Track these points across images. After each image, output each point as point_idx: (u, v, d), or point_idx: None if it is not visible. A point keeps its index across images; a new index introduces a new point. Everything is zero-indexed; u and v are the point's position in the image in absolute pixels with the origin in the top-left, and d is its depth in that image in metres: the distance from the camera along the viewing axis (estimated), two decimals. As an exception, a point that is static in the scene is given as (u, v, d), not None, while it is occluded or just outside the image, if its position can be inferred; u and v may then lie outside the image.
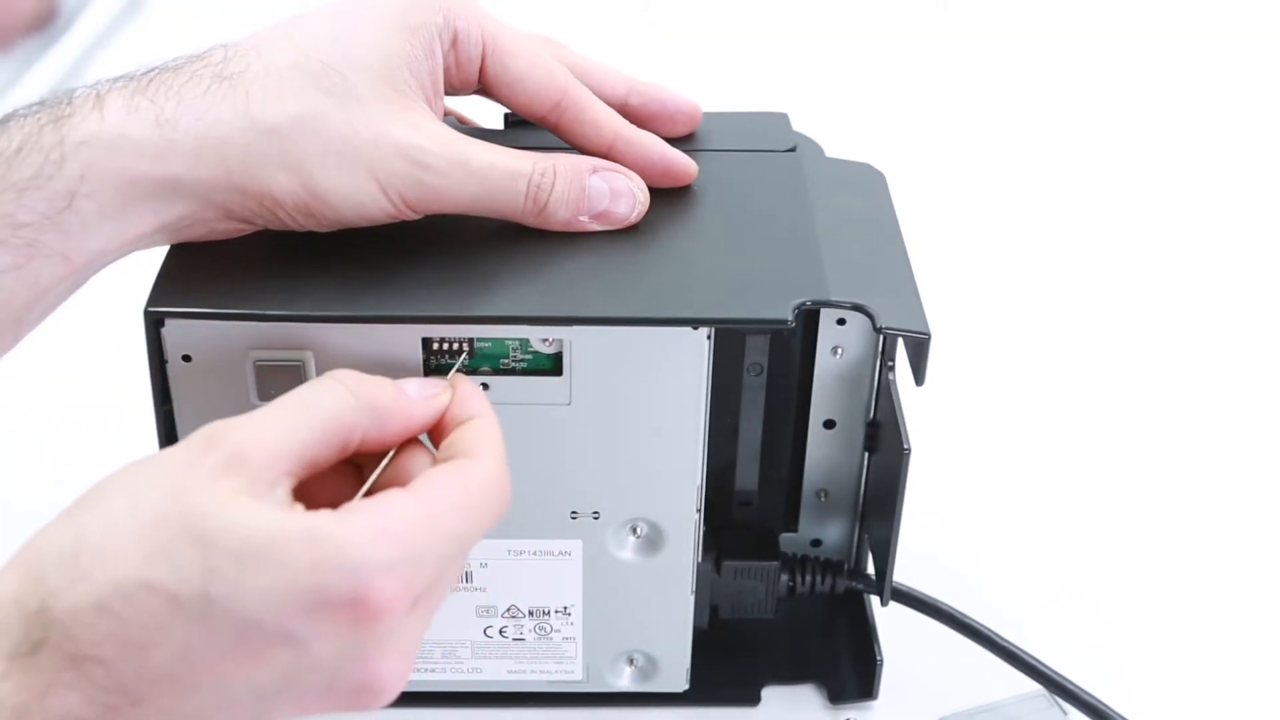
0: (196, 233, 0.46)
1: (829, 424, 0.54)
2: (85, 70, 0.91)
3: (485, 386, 0.47)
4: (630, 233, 0.49)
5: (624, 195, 0.49)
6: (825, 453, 0.55)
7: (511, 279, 0.47)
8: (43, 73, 0.90)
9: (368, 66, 0.46)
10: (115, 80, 0.45)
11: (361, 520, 0.37)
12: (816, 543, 0.58)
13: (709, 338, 0.46)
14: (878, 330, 0.46)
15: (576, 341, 0.46)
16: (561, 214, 0.48)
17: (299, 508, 0.38)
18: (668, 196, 0.51)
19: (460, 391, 0.44)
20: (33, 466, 0.65)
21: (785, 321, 0.46)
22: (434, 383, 0.44)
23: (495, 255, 0.48)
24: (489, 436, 0.42)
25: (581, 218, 0.48)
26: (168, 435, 0.47)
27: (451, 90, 0.50)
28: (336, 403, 0.40)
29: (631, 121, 0.53)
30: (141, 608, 0.36)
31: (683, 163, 0.51)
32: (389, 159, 0.45)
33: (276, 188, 0.45)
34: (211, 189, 0.45)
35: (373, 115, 0.45)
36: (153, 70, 0.45)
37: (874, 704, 0.55)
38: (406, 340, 0.46)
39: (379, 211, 0.46)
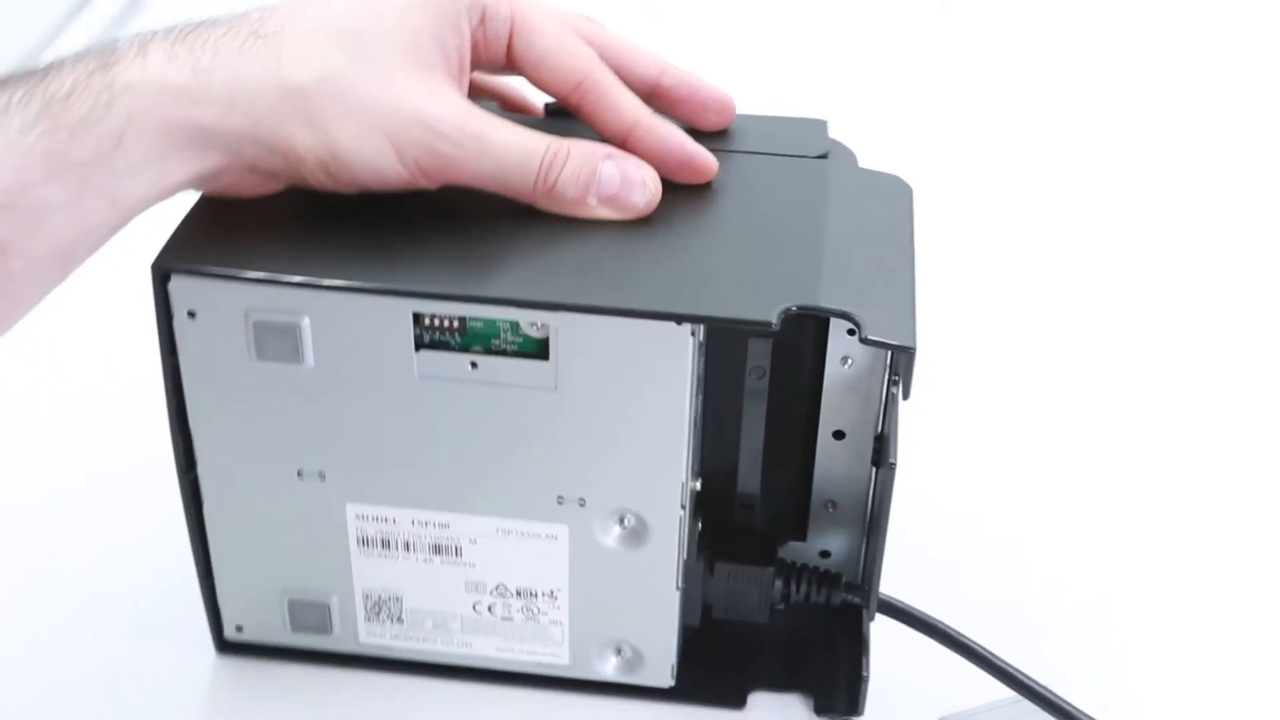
0: (226, 184, 0.49)
1: (839, 435, 0.54)
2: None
3: (474, 365, 0.48)
4: (638, 225, 0.50)
5: (636, 184, 0.49)
6: (834, 464, 0.55)
7: (508, 262, 0.48)
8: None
9: (394, 37, 0.48)
10: (156, 32, 0.47)
11: None
12: (825, 554, 0.57)
13: (694, 334, 0.46)
14: (862, 340, 0.46)
15: (563, 328, 0.47)
16: (570, 193, 0.49)
17: None
18: (685, 193, 0.51)
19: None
20: (50, 412, 0.68)
21: (769, 324, 0.46)
22: None
23: (499, 237, 0.49)
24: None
25: (590, 199, 0.49)
26: (174, 387, 0.49)
27: (479, 66, 0.51)
28: None
29: (661, 105, 0.53)
30: None
31: (701, 157, 0.51)
32: (407, 126, 0.47)
33: (299, 144, 0.46)
34: (241, 141, 0.46)
35: (395, 83, 0.47)
36: (192, 24, 0.47)
37: (867, 710, 0.55)
38: (398, 313, 0.47)
39: (395, 177, 0.48)
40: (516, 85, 0.56)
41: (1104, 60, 0.98)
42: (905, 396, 0.47)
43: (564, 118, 0.53)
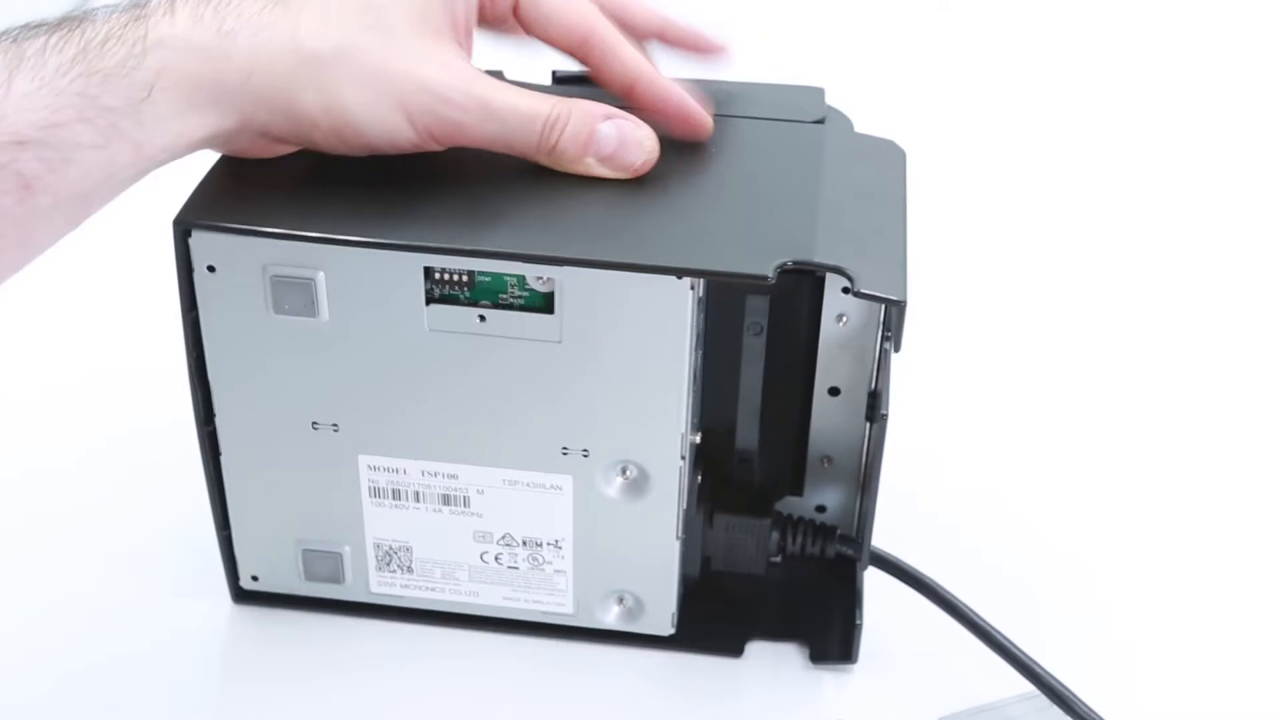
0: (240, 145, 0.50)
1: (834, 391, 0.56)
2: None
3: (482, 319, 0.50)
4: (639, 184, 0.51)
5: (633, 144, 0.51)
6: (830, 420, 0.57)
7: (516, 218, 0.50)
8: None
9: (406, 4, 0.50)
10: None
11: None
12: (821, 508, 0.59)
13: (693, 288, 0.48)
14: (855, 293, 0.48)
15: (567, 282, 0.49)
16: (570, 152, 0.51)
17: None
18: (686, 154, 0.53)
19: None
20: (70, 366, 0.70)
21: (765, 278, 0.47)
22: None
23: (507, 195, 0.50)
24: None
25: (589, 159, 0.51)
26: (194, 340, 0.51)
27: (485, 24, 0.53)
28: None
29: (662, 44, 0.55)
30: None
31: (699, 113, 0.53)
32: (417, 93, 0.49)
33: (314, 109, 0.48)
34: (258, 104, 0.48)
35: (406, 51, 0.49)
36: None
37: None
38: (409, 268, 0.49)
39: (405, 141, 0.50)
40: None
41: (1106, 56, 1.00)
42: (897, 349, 0.49)
43: (571, 85, 0.55)
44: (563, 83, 0.57)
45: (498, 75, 0.54)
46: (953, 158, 0.85)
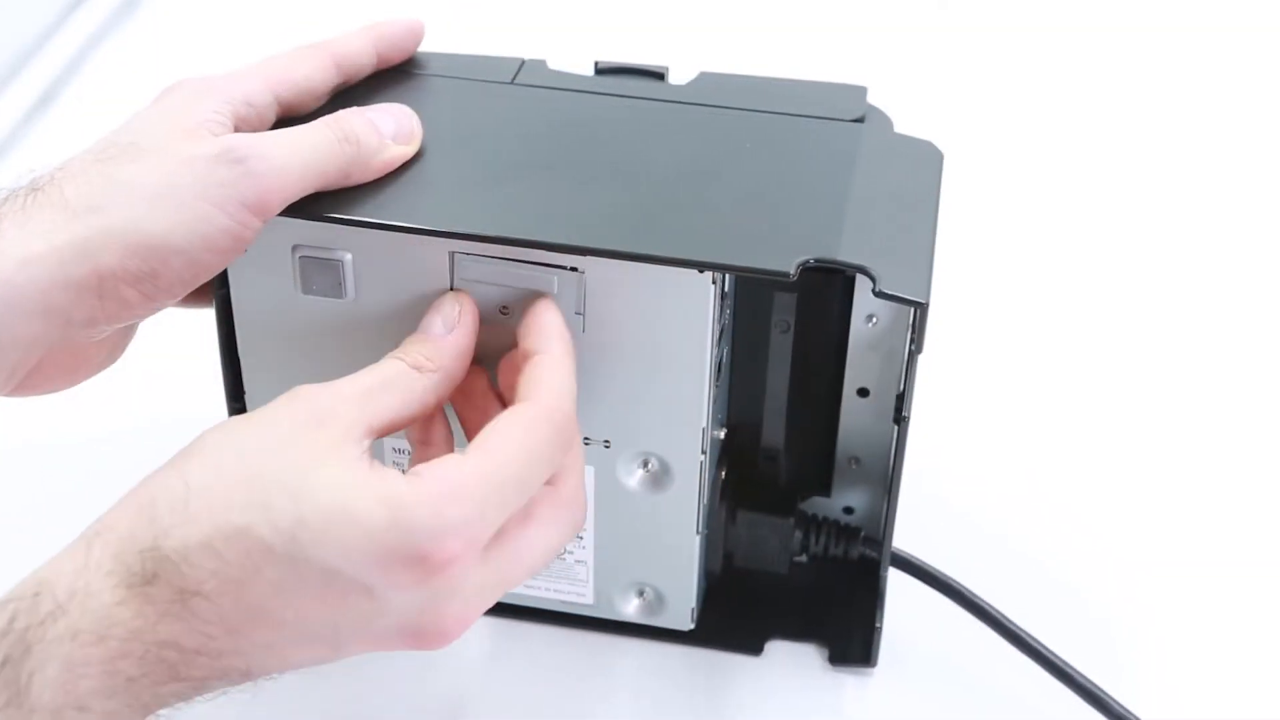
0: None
1: (863, 392, 0.56)
2: (81, 68, 0.91)
3: (505, 310, 0.50)
4: (670, 178, 0.51)
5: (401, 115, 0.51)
6: (859, 420, 0.56)
7: (541, 207, 0.49)
8: (39, 72, 0.90)
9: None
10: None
11: (428, 486, 0.41)
12: (849, 510, 0.59)
13: (715, 283, 0.48)
14: (877, 294, 0.47)
15: (590, 272, 0.49)
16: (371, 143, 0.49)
17: (376, 465, 0.42)
18: (719, 147, 0.53)
19: (530, 324, 0.47)
20: None
21: (787, 274, 0.47)
22: (448, 309, 0.48)
23: (532, 184, 0.50)
24: (546, 373, 0.46)
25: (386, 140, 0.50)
26: (225, 318, 0.52)
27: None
28: (407, 383, 0.46)
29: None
30: (240, 549, 0.40)
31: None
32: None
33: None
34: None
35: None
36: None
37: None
38: (436, 253, 0.49)
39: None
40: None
41: (1103, 59, 0.98)
42: (919, 350, 0.49)
43: (612, 76, 0.56)
44: (605, 74, 0.57)
45: (515, 67, 0.55)
46: (951, 159, 0.84)
